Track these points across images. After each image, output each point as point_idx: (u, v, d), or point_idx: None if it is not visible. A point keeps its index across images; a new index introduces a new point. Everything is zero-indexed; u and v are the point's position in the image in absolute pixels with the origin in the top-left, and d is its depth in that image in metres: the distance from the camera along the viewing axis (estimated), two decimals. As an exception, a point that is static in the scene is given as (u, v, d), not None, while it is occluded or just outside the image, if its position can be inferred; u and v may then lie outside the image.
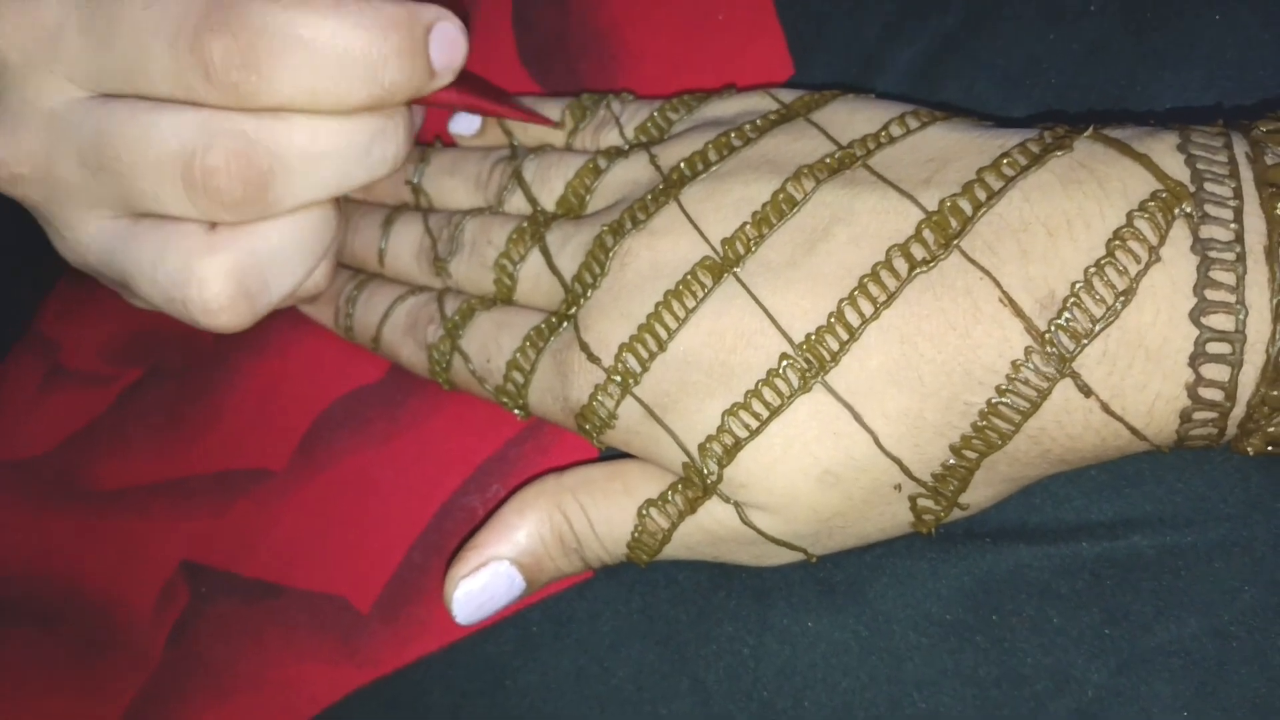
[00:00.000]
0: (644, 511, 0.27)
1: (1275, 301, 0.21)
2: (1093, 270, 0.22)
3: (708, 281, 0.25)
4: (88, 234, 0.28)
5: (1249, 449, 0.23)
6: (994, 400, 0.23)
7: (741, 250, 0.25)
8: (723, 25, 0.33)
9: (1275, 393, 0.21)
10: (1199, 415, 0.22)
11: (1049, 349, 0.22)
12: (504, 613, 0.29)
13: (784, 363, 0.24)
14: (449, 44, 0.27)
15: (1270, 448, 0.23)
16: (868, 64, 0.31)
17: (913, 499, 0.25)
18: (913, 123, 0.26)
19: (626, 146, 0.31)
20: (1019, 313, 0.22)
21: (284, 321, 0.34)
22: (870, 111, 0.27)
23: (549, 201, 0.30)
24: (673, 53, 0.33)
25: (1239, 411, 0.22)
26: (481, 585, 0.28)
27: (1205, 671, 0.25)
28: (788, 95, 0.29)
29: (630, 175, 0.29)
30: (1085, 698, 0.25)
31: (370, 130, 0.27)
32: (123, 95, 0.26)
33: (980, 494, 0.25)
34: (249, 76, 0.25)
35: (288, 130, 0.26)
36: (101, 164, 0.26)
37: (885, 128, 0.26)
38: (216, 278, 0.27)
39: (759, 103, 0.29)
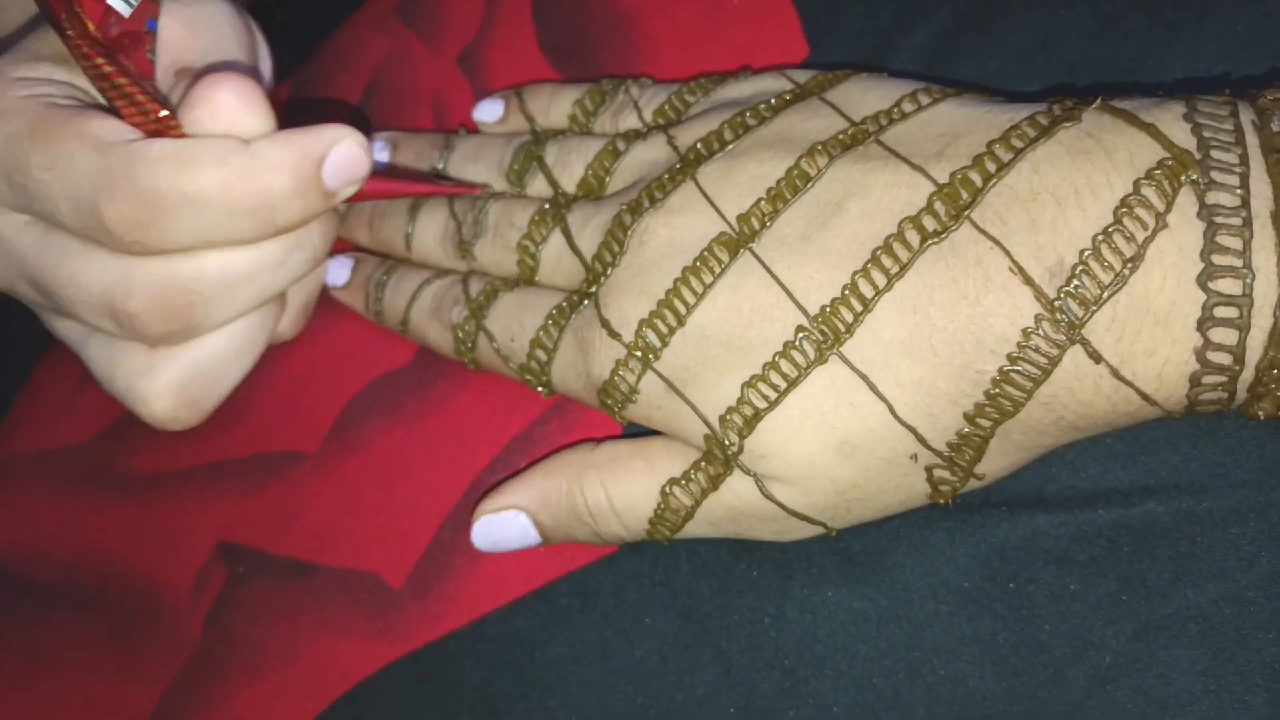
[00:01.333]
0: (668, 490, 0.27)
1: (1283, 265, 0.21)
2: (1101, 238, 0.22)
3: (724, 257, 0.26)
4: (58, 330, 0.31)
5: (1260, 413, 0.23)
6: (1006, 368, 0.23)
7: (757, 226, 0.26)
8: (739, 9, 0.33)
9: (1283, 356, 0.22)
10: (1208, 379, 0.22)
11: (1059, 316, 0.22)
12: (531, 586, 0.30)
13: (800, 335, 0.25)
14: (347, 166, 0.27)
15: (1281, 411, 0.23)
16: (882, 44, 0.31)
17: (929, 469, 0.25)
18: (924, 99, 0.26)
19: (645, 129, 0.31)
20: (1029, 281, 0.23)
21: (316, 309, 0.35)
22: (883, 89, 0.27)
23: (570, 184, 0.31)
24: (690, 38, 0.34)
25: (1248, 375, 0.22)
26: (499, 524, 0.29)
27: (1223, 637, 0.25)
28: (802, 75, 0.29)
29: (648, 156, 0.29)
30: (1103, 664, 0.26)
31: (282, 248, 0.28)
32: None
33: (996, 463, 0.25)
34: (148, 234, 0.26)
35: (198, 266, 0.27)
36: (45, 294, 0.28)
37: (897, 104, 0.26)
38: (160, 397, 0.29)
39: (774, 83, 0.30)
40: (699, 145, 0.28)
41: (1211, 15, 0.28)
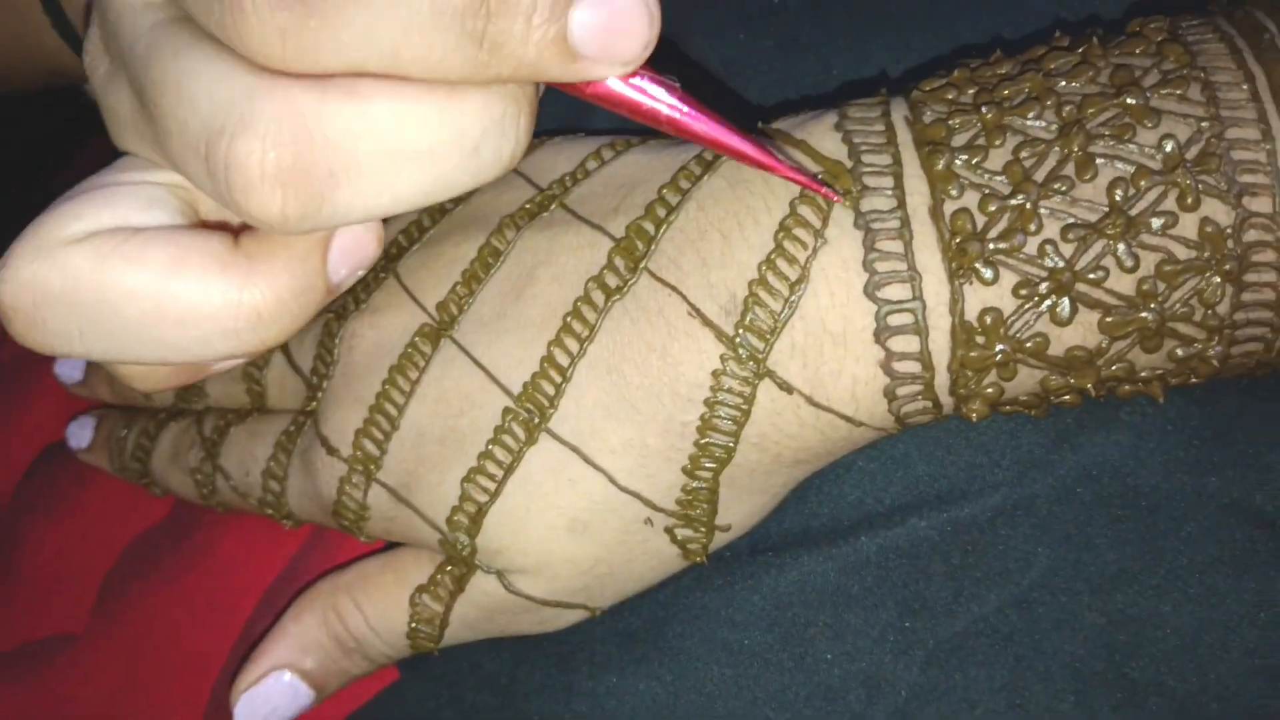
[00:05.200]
0: (416, 599, 0.25)
1: (949, 261, 0.20)
2: (765, 265, 0.21)
3: (427, 350, 0.25)
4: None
5: (973, 415, 0.22)
6: (706, 414, 0.22)
7: (455, 311, 0.25)
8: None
9: (973, 354, 0.21)
10: (903, 390, 0.21)
11: (740, 352, 0.21)
12: (314, 732, 0.28)
13: (508, 417, 0.23)
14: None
15: (996, 408, 0.22)
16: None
17: (669, 530, 0.24)
18: (608, 154, 0.25)
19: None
20: (707, 322, 0.22)
21: (70, 478, 0.33)
22: (571, 150, 0.26)
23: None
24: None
25: (942, 379, 0.21)
26: (263, 696, 0.26)
27: (1017, 646, 0.24)
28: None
29: None
30: (900, 699, 0.24)
31: (485, 116, 0.18)
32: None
33: (736, 511, 0.24)
34: (306, 22, 0.16)
35: (362, 114, 0.17)
36: (145, 104, 0.19)
37: (582, 164, 0.26)
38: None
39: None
40: (400, 236, 0.27)
41: (883, 15, 0.27)
